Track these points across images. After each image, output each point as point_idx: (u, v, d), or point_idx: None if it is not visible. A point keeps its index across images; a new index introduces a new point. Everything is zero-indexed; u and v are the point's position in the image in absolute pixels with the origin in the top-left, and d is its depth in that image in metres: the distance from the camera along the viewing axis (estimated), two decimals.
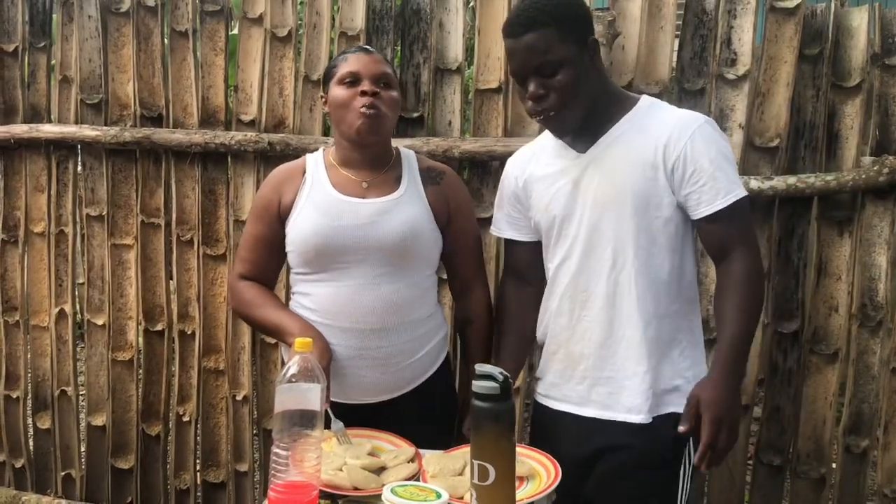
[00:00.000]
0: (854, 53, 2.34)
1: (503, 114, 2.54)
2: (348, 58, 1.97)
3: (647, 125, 1.78)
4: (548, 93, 1.73)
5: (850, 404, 2.43)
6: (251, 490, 2.98)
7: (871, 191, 2.33)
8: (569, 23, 1.73)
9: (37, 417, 3.18)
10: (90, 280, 3.02)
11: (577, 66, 1.73)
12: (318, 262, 1.96)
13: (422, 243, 1.97)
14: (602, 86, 1.80)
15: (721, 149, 1.75)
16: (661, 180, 1.75)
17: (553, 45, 1.71)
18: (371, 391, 1.97)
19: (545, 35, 1.71)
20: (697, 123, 1.76)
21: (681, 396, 1.78)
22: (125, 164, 2.92)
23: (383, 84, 1.94)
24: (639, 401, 1.79)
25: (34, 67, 3.01)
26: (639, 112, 1.81)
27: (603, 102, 1.80)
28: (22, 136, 2.97)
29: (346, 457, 1.75)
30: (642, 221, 1.76)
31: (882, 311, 2.37)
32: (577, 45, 1.73)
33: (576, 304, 1.85)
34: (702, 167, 1.72)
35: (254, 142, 2.70)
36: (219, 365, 2.92)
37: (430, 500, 1.55)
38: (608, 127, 1.80)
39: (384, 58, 2.02)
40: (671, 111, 1.82)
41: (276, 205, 2.01)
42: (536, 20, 1.71)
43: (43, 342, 3.12)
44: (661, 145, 1.74)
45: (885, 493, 2.45)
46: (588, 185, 1.81)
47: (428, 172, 2.05)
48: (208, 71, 2.79)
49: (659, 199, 1.76)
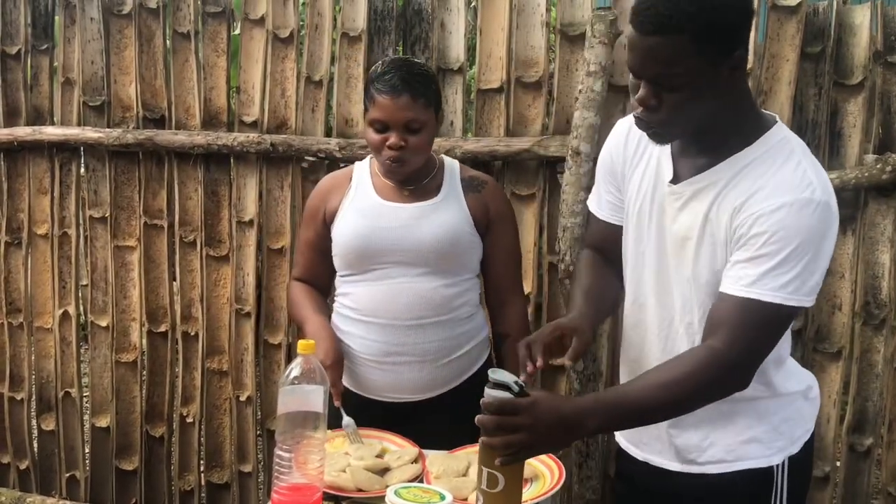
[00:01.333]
0: (856, 51, 2.34)
1: (505, 113, 2.54)
2: (376, 100, 1.92)
3: (746, 177, 1.47)
4: (659, 105, 1.43)
5: (853, 402, 2.43)
6: (255, 491, 2.99)
7: (874, 189, 2.33)
8: (712, 31, 1.37)
9: (41, 419, 3.18)
10: (93, 282, 3.03)
11: (705, 88, 1.41)
12: (359, 264, 2.02)
13: (459, 247, 2.01)
14: (734, 107, 1.48)
15: (798, 235, 1.41)
16: (727, 243, 1.50)
17: (682, 57, 1.37)
18: (408, 389, 2.01)
19: (675, 44, 1.37)
20: (790, 197, 1.41)
21: (761, 448, 1.59)
22: (128, 166, 2.92)
23: (412, 130, 1.93)
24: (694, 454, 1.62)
25: (37, 70, 3.01)
26: (749, 155, 1.49)
27: (727, 126, 1.50)
28: (25, 138, 2.97)
29: (352, 458, 1.75)
30: (710, 291, 1.52)
31: (885, 308, 2.37)
32: (716, 60, 1.39)
33: (642, 340, 1.68)
34: (753, 244, 1.43)
35: (256, 143, 2.70)
36: (222, 366, 2.92)
37: (433, 501, 1.55)
38: (714, 160, 1.51)
39: (415, 90, 1.91)
40: (783, 168, 1.46)
41: (322, 212, 2.08)
42: (670, 22, 1.36)
43: (47, 344, 3.12)
44: (737, 207, 1.46)
45: (889, 492, 2.45)
46: (672, 219, 1.57)
47: (470, 181, 2.08)
48: (210, 72, 2.79)
49: (724, 261, 1.51)
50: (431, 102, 1.96)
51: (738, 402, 1.56)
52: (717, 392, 1.50)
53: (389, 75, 1.93)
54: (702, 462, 1.62)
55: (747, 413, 1.59)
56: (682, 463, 1.65)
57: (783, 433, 1.61)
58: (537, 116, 2.53)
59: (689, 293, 1.57)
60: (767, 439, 1.60)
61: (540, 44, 2.51)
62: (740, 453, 1.60)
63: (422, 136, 1.94)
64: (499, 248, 2.08)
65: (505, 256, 2.10)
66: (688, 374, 1.45)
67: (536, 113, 2.53)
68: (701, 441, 1.62)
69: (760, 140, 1.49)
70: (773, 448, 1.60)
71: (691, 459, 1.63)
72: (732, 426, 1.60)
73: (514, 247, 2.13)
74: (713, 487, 1.61)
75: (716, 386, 1.48)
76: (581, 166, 2.37)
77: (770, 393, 1.60)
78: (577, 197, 2.39)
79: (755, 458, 1.59)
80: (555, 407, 1.40)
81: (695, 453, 1.63)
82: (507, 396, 1.39)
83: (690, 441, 1.63)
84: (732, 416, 1.59)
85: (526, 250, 2.57)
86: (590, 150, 2.36)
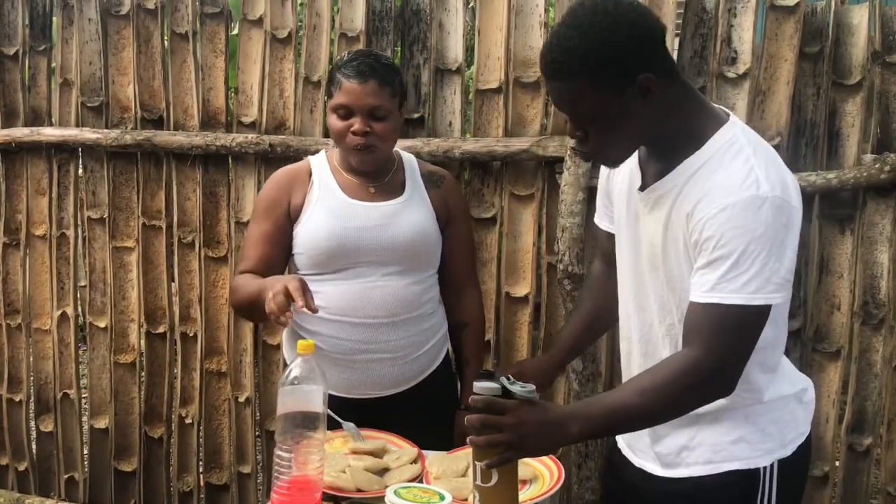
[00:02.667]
0: (854, 51, 2.34)
1: (503, 114, 2.54)
2: (343, 84, 1.92)
3: (698, 179, 1.50)
4: (586, 136, 1.50)
5: (852, 402, 2.43)
6: (254, 492, 2.98)
7: (872, 188, 2.33)
8: (608, 68, 1.42)
9: (39, 420, 3.18)
10: (92, 283, 3.02)
11: (618, 116, 1.46)
12: (330, 264, 2.00)
13: (429, 244, 2.04)
14: (668, 120, 1.50)
15: (746, 234, 1.42)
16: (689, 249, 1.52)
17: (584, 96, 1.43)
18: (381, 385, 2.01)
19: (575, 85, 1.43)
20: (735, 197, 1.43)
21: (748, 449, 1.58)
22: (126, 167, 2.91)
23: (377, 117, 1.92)
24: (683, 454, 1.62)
25: (35, 71, 3.01)
26: (701, 157, 1.50)
27: (673, 136, 1.53)
28: (23, 139, 2.97)
29: (350, 458, 1.75)
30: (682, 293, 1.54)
31: (884, 308, 2.37)
32: (619, 89, 1.43)
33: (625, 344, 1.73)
34: (706, 249, 1.45)
35: (254, 143, 2.70)
36: (221, 367, 2.92)
37: (433, 501, 1.55)
38: (674, 163, 1.53)
39: (381, 77, 1.93)
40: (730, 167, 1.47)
41: (285, 204, 2.04)
42: (566, 68, 1.42)
43: (45, 345, 3.12)
44: (689, 213, 1.49)
45: (888, 492, 2.45)
46: (644, 227, 1.61)
47: (430, 177, 2.10)
48: (208, 73, 2.79)
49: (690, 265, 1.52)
50: (397, 93, 1.97)
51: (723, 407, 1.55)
52: (699, 398, 1.50)
53: (357, 62, 1.93)
54: (689, 464, 1.61)
55: (734, 415, 1.58)
56: (665, 468, 1.64)
57: (772, 435, 1.60)
58: (536, 117, 2.53)
59: (665, 297, 1.58)
60: (754, 440, 1.58)
61: (538, 44, 2.50)
62: (727, 454, 1.58)
63: (387, 124, 1.94)
64: (458, 241, 2.12)
65: (464, 249, 2.15)
66: (667, 380, 1.46)
67: (535, 113, 2.53)
68: (688, 442, 1.61)
69: (709, 142, 1.51)
70: (761, 450, 1.58)
71: (676, 463, 1.63)
72: (719, 426, 1.59)
73: (470, 239, 2.20)
74: (700, 489, 1.60)
75: (697, 391, 1.48)
76: (580, 167, 2.37)
77: (755, 399, 1.59)
78: (576, 197, 2.39)
79: (741, 460, 1.58)
80: (540, 410, 1.43)
81: (683, 454, 1.62)
82: (494, 396, 1.42)
83: (672, 446, 1.63)
84: (719, 417, 1.58)
85: (524, 251, 2.58)
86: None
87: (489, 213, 2.58)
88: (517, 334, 2.63)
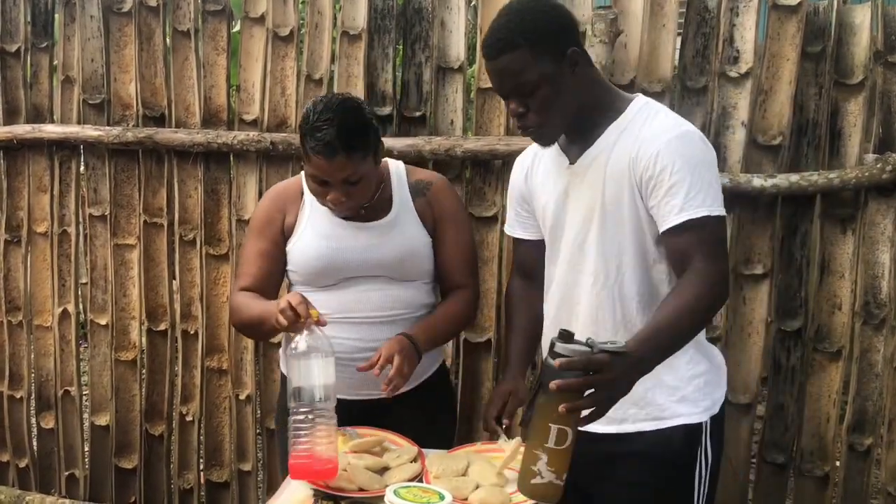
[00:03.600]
0: (857, 51, 2.33)
1: (505, 112, 2.53)
2: (312, 159, 1.87)
3: (628, 135, 1.72)
4: (527, 111, 1.70)
5: (853, 402, 2.43)
6: (255, 489, 2.99)
7: (874, 188, 2.32)
8: (543, 40, 1.67)
9: (40, 417, 3.18)
10: (93, 280, 3.02)
11: (554, 83, 1.68)
12: (322, 280, 2.03)
13: (418, 258, 2.05)
14: (590, 93, 1.74)
15: (691, 160, 1.65)
16: (636, 195, 1.70)
17: (526, 66, 1.66)
18: (370, 386, 1.99)
19: (517, 57, 1.66)
20: (671, 134, 1.68)
21: (689, 406, 1.76)
22: (128, 164, 2.92)
23: (351, 182, 1.90)
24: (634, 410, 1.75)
25: (36, 68, 3.01)
26: (625, 119, 1.74)
27: (592, 109, 1.75)
28: (25, 136, 2.97)
29: (350, 457, 1.75)
30: (626, 238, 1.73)
31: (885, 308, 2.36)
32: (554, 60, 1.68)
33: (566, 316, 1.83)
34: (662, 180, 1.65)
35: (256, 141, 2.70)
36: (222, 364, 2.92)
37: (433, 501, 1.55)
38: (597, 135, 1.75)
39: (350, 147, 1.86)
40: (654, 119, 1.73)
41: (279, 222, 2.06)
42: (508, 42, 1.67)
43: (46, 342, 3.12)
44: (633, 158, 1.69)
45: (888, 492, 2.45)
46: (576, 198, 1.79)
47: (417, 185, 2.09)
48: (210, 70, 2.79)
49: (636, 213, 1.72)
50: (370, 151, 1.91)
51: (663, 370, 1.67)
52: (720, 304, 1.71)
53: (322, 133, 1.84)
54: (637, 420, 1.76)
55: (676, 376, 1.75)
56: (611, 424, 1.70)
57: (708, 394, 1.79)
58: None
59: (607, 254, 1.74)
60: (695, 398, 1.77)
61: None
62: (673, 412, 1.75)
63: (362, 185, 1.92)
64: (447, 245, 2.08)
65: (454, 251, 2.09)
66: (698, 294, 1.60)
67: None
68: (637, 400, 1.72)
69: (628, 109, 1.75)
70: (701, 407, 1.77)
71: (622, 419, 1.75)
72: (663, 388, 1.74)
73: (463, 242, 2.11)
74: (648, 443, 1.75)
75: (719, 299, 1.68)
76: None
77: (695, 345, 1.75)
78: None
79: (686, 416, 1.76)
80: (626, 357, 1.48)
81: (631, 411, 1.75)
82: (585, 350, 1.44)
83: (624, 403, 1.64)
84: (662, 379, 1.72)
85: None
86: None
87: (490, 212, 2.58)
88: None
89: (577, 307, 1.81)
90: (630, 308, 1.76)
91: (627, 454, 1.77)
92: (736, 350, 2.43)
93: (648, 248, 1.73)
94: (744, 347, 2.44)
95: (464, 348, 2.64)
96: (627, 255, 1.73)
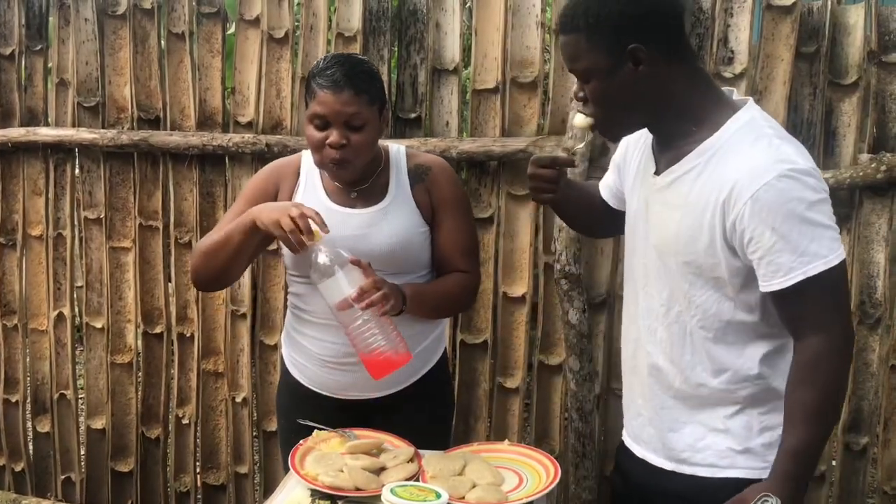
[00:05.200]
0: (851, 51, 2.34)
1: (500, 114, 2.54)
2: (317, 94, 1.86)
3: (719, 164, 1.50)
4: (586, 99, 1.58)
5: (849, 401, 2.43)
6: (251, 492, 2.98)
7: (868, 188, 2.33)
8: (602, 29, 1.50)
9: (36, 421, 3.17)
10: (88, 283, 3.02)
11: (608, 78, 1.51)
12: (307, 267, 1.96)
13: (412, 249, 1.98)
14: (670, 97, 1.54)
15: (792, 211, 1.42)
16: (718, 242, 1.50)
17: (580, 53, 1.53)
18: (367, 387, 1.99)
19: (574, 41, 1.53)
20: (769, 176, 1.43)
21: (752, 459, 1.58)
22: (123, 167, 2.91)
23: (353, 126, 1.86)
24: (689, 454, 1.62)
25: (31, 71, 3.01)
26: (718, 140, 1.51)
27: (676, 116, 1.55)
28: (19, 139, 2.97)
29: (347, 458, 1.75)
30: (698, 278, 1.55)
31: (881, 308, 2.37)
32: (611, 54, 1.50)
33: (639, 334, 1.68)
34: (761, 237, 1.44)
35: (251, 143, 2.70)
36: (218, 367, 2.91)
37: (429, 500, 1.55)
38: (685, 151, 1.54)
39: (357, 86, 1.86)
40: (751, 149, 1.48)
41: (272, 195, 2.01)
42: (570, 22, 1.54)
43: (42, 346, 3.11)
44: (722, 200, 1.48)
45: (884, 491, 2.45)
46: (654, 217, 1.61)
47: (416, 170, 2.02)
48: (205, 73, 2.79)
49: (715, 258, 1.52)
50: (375, 99, 1.89)
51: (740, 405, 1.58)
52: (846, 370, 1.53)
53: (331, 70, 1.86)
54: (693, 463, 1.62)
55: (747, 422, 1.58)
56: (670, 462, 1.64)
57: (774, 449, 1.55)
58: (533, 116, 2.54)
59: (675, 284, 1.58)
60: (761, 452, 1.58)
61: (535, 44, 2.51)
62: (732, 461, 1.59)
63: (364, 133, 1.87)
64: (444, 231, 2.00)
65: (452, 237, 2.00)
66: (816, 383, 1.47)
67: (532, 113, 2.54)
68: (694, 442, 1.61)
69: (725, 126, 1.52)
70: (766, 462, 1.55)
71: (682, 460, 1.63)
72: (728, 434, 1.59)
73: (460, 228, 2.02)
74: (703, 490, 1.60)
75: (843, 368, 1.51)
76: (577, 166, 2.37)
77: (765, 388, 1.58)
78: None
79: (747, 469, 1.58)
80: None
81: (686, 454, 1.62)
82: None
83: (679, 442, 1.63)
84: (729, 427, 1.59)
85: (521, 250, 2.58)
86: (585, 150, 2.36)
87: (486, 213, 2.59)
88: (514, 334, 2.63)
89: (642, 329, 1.67)
90: (698, 350, 1.58)
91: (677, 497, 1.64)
92: None
93: (726, 294, 1.54)
94: None
95: (460, 349, 2.64)
96: (698, 298, 1.56)
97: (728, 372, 1.57)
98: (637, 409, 1.70)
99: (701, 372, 1.58)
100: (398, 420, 1.96)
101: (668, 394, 1.63)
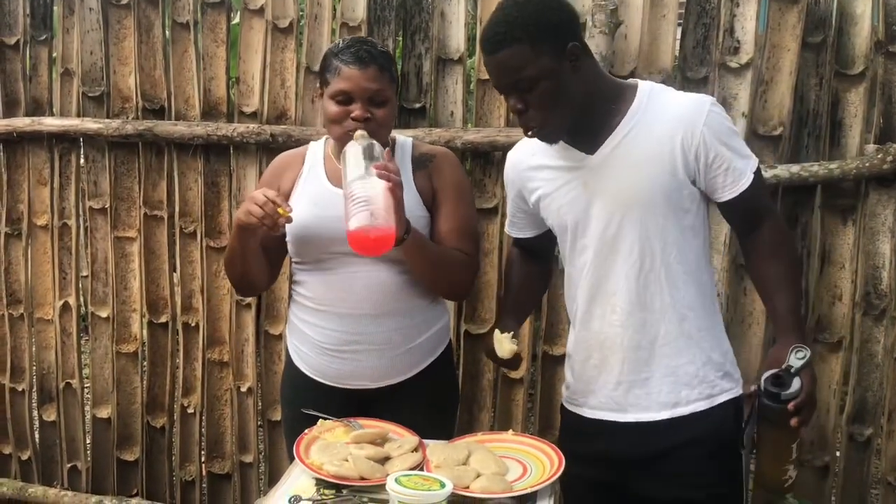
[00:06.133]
0: (857, 41, 2.33)
1: (505, 104, 2.53)
2: (342, 71, 1.89)
3: (654, 118, 1.73)
4: (527, 108, 1.68)
5: (853, 393, 2.43)
6: (256, 481, 2.99)
7: (874, 179, 2.33)
8: (543, 35, 1.64)
9: (42, 410, 3.19)
10: (94, 273, 3.03)
11: (555, 78, 1.66)
12: (308, 253, 1.99)
13: None
14: (593, 86, 1.73)
15: (731, 127, 1.76)
16: (680, 172, 1.72)
17: (527, 61, 1.64)
18: (369, 376, 2.00)
19: (517, 52, 1.64)
20: (706, 107, 1.73)
21: (730, 380, 1.82)
22: (128, 157, 2.91)
23: (377, 102, 1.90)
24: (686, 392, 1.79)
25: (35, 60, 3.01)
26: (641, 104, 1.75)
27: (599, 101, 1.74)
28: (24, 129, 2.97)
29: (352, 447, 1.76)
30: (668, 217, 1.74)
31: (886, 299, 2.37)
32: (555, 55, 1.65)
33: (606, 310, 1.81)
34: (721, 152, 1.71)
35: (256, 133, 2.70)
36: (223, 356, 2.92)
37: (433, 489, 1.55)
38: (612, 124, 1.74)
39: (381, 64, 1.92)
40: (674, 98, 1.77)
41: (276, 188, 2.01)
42: (508, 36, 1.64)
43: (47, 335, 3.12)
44: (679, 136, 1.71)
45: (888, 481, 2.45)
46: (604, 189, 1.76)
47: (420, 158, 2.03)
48: (210, 63, 2.79)
49: (680, 191, 1.74)
50: (394, 79, 1.95)
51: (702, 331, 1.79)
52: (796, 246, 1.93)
53: (355, 48, 1.91)
54: (690, 401, 1.79)
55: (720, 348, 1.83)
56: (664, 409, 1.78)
57: (735, 365, 1.87)
58: None
59: (647, 233, 1.74)
60: (732, 371, 1.84)
61: None
62: (721, 387, 1.80)
63: (386, 110, 1.91)
64: (443, 216, 2.00)
65: (449, 222, 2.00)
66: (785, 255, 1.76)
67: None
68: (690, 380, 1.78)
69: (638, 95, 1.75)
70: (736, 380, 1.84)
71: (675, 403, 1.79)
72: (712, 364, 1.80)
73: (460, 213, 2.02)
74: (701, 421, 1.78)
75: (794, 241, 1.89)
76: None
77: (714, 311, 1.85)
78: None
79: (730, 391, 1.82)
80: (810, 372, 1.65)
81: (683, 393, 1.78)
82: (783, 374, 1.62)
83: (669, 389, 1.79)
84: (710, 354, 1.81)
85: None
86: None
87: (491, 203, 2.58)
88: None
89: (612, 298, 1.79)
90: (678, 286, 1.77)
91: (682, 445, 1.78)
92: (736, 341, 2.43)
93: (686, 224, 1.76)
94: (744, 338, 2.45)
95: (464, 340, 2.64)
96: (670, 235, 1.75)
97: (697, 302, 1.78)
98: (616, 379, 1.81)
99: (674, 315, 1.76)
100: (403, 410, 1.96)
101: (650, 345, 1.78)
